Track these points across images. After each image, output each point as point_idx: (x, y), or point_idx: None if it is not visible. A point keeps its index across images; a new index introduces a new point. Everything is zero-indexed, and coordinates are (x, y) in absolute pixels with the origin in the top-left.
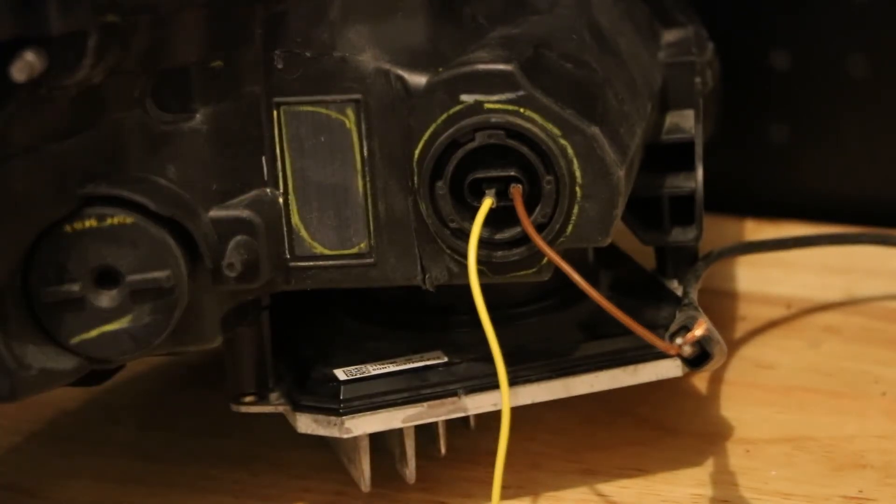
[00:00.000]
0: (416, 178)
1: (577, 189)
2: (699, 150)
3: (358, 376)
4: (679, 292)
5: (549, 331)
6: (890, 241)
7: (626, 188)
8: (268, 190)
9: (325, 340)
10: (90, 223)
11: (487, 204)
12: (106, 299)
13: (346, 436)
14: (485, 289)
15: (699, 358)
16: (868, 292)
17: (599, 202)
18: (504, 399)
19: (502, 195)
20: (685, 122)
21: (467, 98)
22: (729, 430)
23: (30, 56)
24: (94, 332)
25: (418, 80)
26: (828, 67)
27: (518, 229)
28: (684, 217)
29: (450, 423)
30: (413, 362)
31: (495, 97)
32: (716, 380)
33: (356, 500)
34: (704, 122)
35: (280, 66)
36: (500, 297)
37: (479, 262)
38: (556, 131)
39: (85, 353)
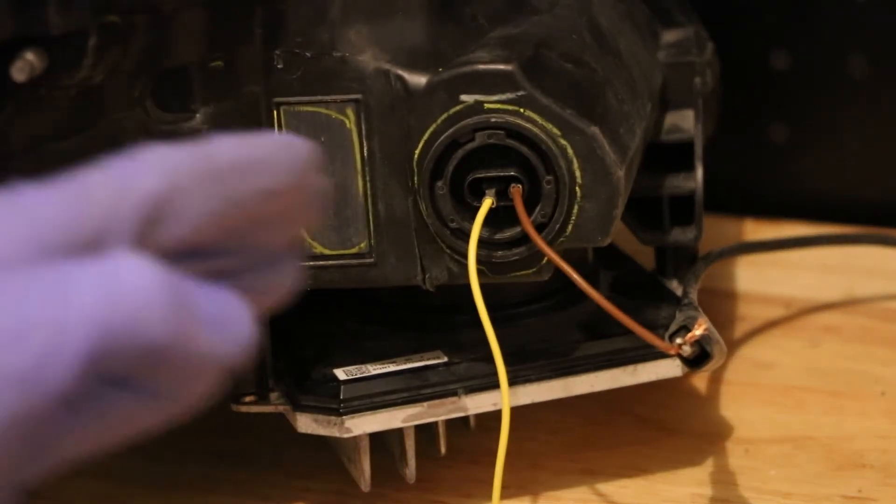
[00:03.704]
0: (416, 178)
1: (577, 189)
2: (699, 150)
3: (358, 376)
4: (679, 292)
5: (549, 331)
6: (889, 241)
7: (626, 188)
8: None
9: (325, 340)
10: None
11: (487, 204)
12: None
13: (346, 435)
14: (485, 289)
15: (699, 358)
16: (867, 292)
17: (599, 202)
18: (504, 399)
19: (502, 195)
20: (685, 122)
21: (467, 98)
22: (729, 430)
23: (30, 56)
24: None
25: (418, 80)
26: (828, 67)
27: (518, 229)
28: (684, 217)
29: (450, 423)
30: (413, 362)
31: (495, 97)
32: (716, 380)
33: (356, 500)
34: (704, 122)
35: (280, 66)
36: (500, 297)
37: (479, 262)
38: (556, 131)
39: None
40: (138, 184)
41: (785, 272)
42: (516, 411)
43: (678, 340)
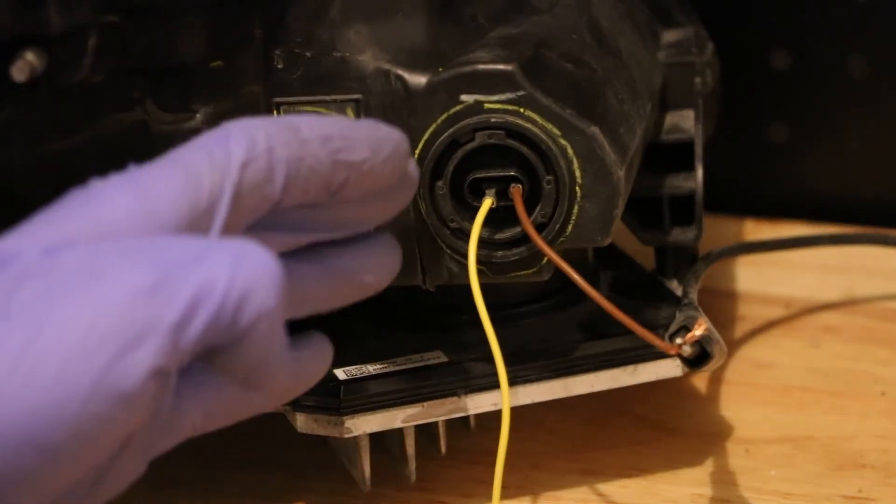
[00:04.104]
0: None
1: (577, 189)
2: (699, 150)
3: (358, 376)
4: (679, 292)
5: (549, 331)
6: (889, 241)
7: (626, 188)
8: None
9: None
10: None
11: (487, 204)
12: None
13: (346, 435)
14: (485, 289)
15: (699, 358)
16: (867, 292)
17: (599, 202)
18: (504, 399)
19: (502, 195)
20: (685, 122)
21: (467, 98)
22: (729, 430)
23: (30, 56)
24: None
25: (418, 80)
26: (828, 67)
27: (518, 229)
28: (684, 217)
29: (450, 423)
30: (413, 362)
31: (495, 97)
32: (716, 380)
33: (356, 500)
34: (704, 122)
35: (280, 66)
36: (500, 297)
37: (479, 262)
38: (556, 131)
39: None
40: (235, 163)
41: (785, 272)
42: (516, 411)
43: (678, 340)
